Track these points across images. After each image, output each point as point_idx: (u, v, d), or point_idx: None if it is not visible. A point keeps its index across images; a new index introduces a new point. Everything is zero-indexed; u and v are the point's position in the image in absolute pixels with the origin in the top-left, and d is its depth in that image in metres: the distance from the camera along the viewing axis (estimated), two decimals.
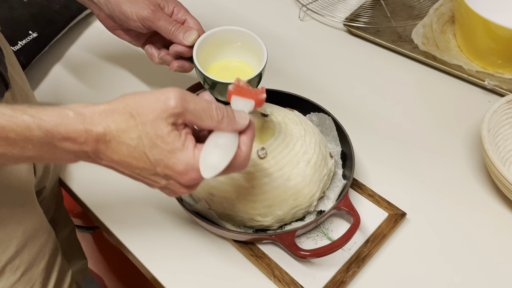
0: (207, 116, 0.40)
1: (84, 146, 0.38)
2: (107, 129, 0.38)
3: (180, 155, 0.39)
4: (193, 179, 0.40)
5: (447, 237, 0.60)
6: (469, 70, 0.79)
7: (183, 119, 0.39)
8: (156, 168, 0.39)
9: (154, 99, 0.39)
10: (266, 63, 0.59)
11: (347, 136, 0.63)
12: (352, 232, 0.53)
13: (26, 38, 0.80)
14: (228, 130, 0.42)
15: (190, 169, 0.39)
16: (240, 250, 0.58)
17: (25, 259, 0.52)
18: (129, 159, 0.39)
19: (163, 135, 0.38)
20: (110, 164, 0.40)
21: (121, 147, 0.38)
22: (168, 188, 0.42)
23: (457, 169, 0.67)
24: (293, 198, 0.55)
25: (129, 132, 0.38)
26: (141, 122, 0.38)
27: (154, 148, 0.39)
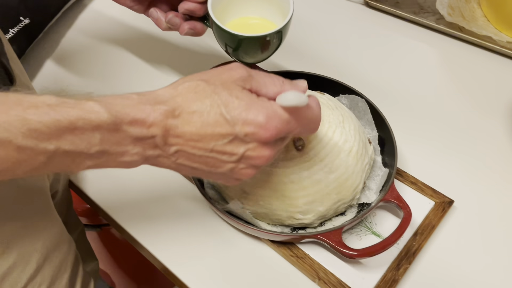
0: (270, 81, 0.39)
1: (153, 128, 0.35)
2: (175, 104, 0.36)
3: (258, 105, 0.37)
4: (276, 127, 0.37)
5: (499, 222, 0.56)
6: (499, 41, 0.74)
7: (250, 84, 0.38)
8: (235, 128, 0.36)
9: (218, 70, 0.39)
10: (292, 17, 0.52)
11: (384, 119, 0.57)
12: (404, 227, 0.48)
13: (18, 25, 0.72)
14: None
15: (272, 116, 0.36)
16: (278, 250, 0.53)
17: (47, 275, 0.47)
18: (203, 128, 0.36)
19: (236, 93, 0.37)
20: (180, 147, 0.36)
21: (193, 117, 0.36)
22: (245, 158, 0.38)
23: (499, 148, 0.63)
24: (336, 192, 0.50)
25: (200, 98, 0.36)
26: (212, 83, 0.37)
27: (230, 105, 0.36)
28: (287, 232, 0.52)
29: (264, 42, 0.53)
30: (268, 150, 0.38)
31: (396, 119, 0.64)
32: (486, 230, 0.55)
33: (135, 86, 0.71)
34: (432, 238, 0.54)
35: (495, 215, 0.56)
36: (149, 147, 0.36)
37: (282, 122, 0.37)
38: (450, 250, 0.53)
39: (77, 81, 0.72)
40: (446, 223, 0.55)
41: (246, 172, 0.39)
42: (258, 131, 0.36)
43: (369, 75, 0.72)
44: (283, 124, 0.37)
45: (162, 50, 0.76)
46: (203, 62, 0.73)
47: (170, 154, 0.37)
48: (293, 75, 0.63)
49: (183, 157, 0.37)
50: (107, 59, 0.75)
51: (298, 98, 0.37)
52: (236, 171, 0.39)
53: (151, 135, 0.35)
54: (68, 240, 0.51)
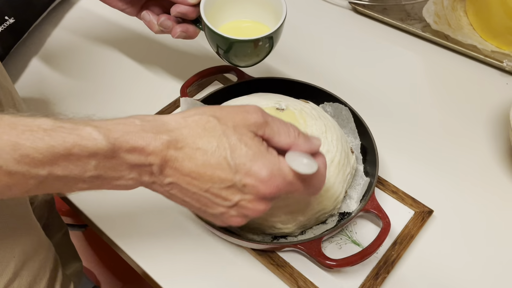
0: (285, 131, 0.38)
1: (152, 157, 0.34)
2: (180, 136, 0.34)
3: (265, 159, 0.35)
4: (276, 186, 0.36)
5: (477, 232, 0.56)
6: (484, 50, 0.75)
7: (263, 131, 0.37)
8: (235, 176, 0.35)
9: (235, 109, 0.37)
10: (285, 20, 0.52)
11: (367, 128, 0.58)
12: (383, 238, 0.49)
13: (2, 24, 0.71)
14: (304, 148, 0.38)
15: (276, 174, 0.35)
16: (258, 258, 0.53)
17: (24, 281, 0.47)
18: (203, 168, 0.35)
19: (246, 140, 0.35)
20: (174, 180, 0.35)
21: (195, 154, 0.34)
22: (239, 207, 0.37)
23: (481, 158, 0.63)
24: (316, 202, 0.51)
25: (207, 136, 0.35)
26: (224, 123, 0.35)
27: (236, 151, 0.35)
28: (267, 241, 0.52)
29: (255, 45, 0.53)
30: (264, 205, 0.37)
31: (380, 128, 0.65)
32: (465, 241, 0.56)
33: (122, 86, 0.71)
34: (411, 247, 0.55)
35: (474, 226, 0.57)
36: (145, 174, 0.35)
37: (285, 182, 0.36)
38: (429, 260, 0.54)
39: (63, 81, 0.71)
40: (425, 233, 0.56)
41: (235, 220, 0.38)
42: (258, 185, 0.35)
43: (354, 82, 0.73)
44: (285, 185, 0.36)
45: (150, 50, 0.76)
46: (194, 62, 0.73)
47: (164, 184, 0.36)
48: (277, 82, 0.63)
49: (176, 189, 0.36)
50: (93, 59, 0.75)
51: (309, 167, 0.36)
52: (226, 216, 0.38)
53: (148, 163, 0.34)
54: (47, 245, 0.51)
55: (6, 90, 0.52)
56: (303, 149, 0.38)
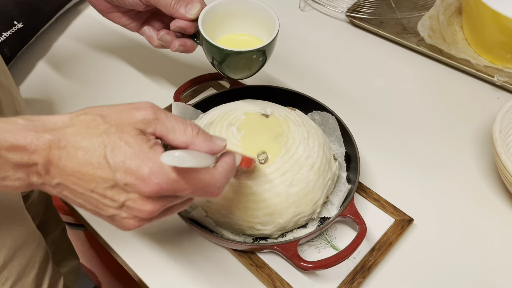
0: (180, 129, 0.37)
1: (35, 155, 0.33)
2: (63, 135, 0.34)
3: (146, 157, 0.34)
4: (157, 184, 0.34)
5: (456, 243, 0.57)
6: (476, 65, 0.76)
7: (153, 128, 0.36)
8: (116, 175, 0.34)
9: (124, 107, 0.36)
10: (278, 34, 0.55)
11: (351, 137, 0.59)
12: (358, 242, 0.50)
13: (11, 29, 0.75)
14: (203, 148, 0.38)
15: (156, 171, 0.34)
16: (239, 258, 0.55)
17: (14, 270, 0.49)
18: (84, 167, 0.34)
19: (128, 138, 0.34)
20: (61, 181, 0.35)
21: (77, 153, 0.34)
22: (126, 207, 0.36)
23: (466, 171, 0.64)
24: (295, 206, 0.52)
25: (90, 135, 0.34)
26: (108, 122, 0.35)
27: (116, 150, 0.34)
28: (247, 242, 0.54)
29: (248, 57, 0.55)
30: (151, 205, 0.36)
31: (368, 137, 0.67)
32: (444, 251, 0.57)
33: (124, 93, 0.73)
34: (390, 255, 0.56)
35: (454, 237, 0.58)
36: (32, 174, 0.35)
37: (167, 180, 0.35)
38: (406, 268, 0.55)
39: (66, 86, 0.75)
40: (404, 241, 0.57)
41: (128, 222, 0.37)
42: (138, 183, 0.34)
43: (346, 91, 0.74)
44: (167, 183, 0.35)
45: (149, 58, 0.79)
46: (190, 70, 0.76)
47: (53, 185, 0.35)
48: (268, 89, 0.65)
49: (66, 190, 0.36)
50: (97, 66, 0.78)
51: (181, 160, 0.34)
52: (118, 219, 0.37)
53: (32, 162, 0.34)
54: (38, 238, 0.54)
55: (6, 90, 0.55)
56: (201, 149, 0.37)
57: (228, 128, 0.54)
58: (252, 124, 0.55)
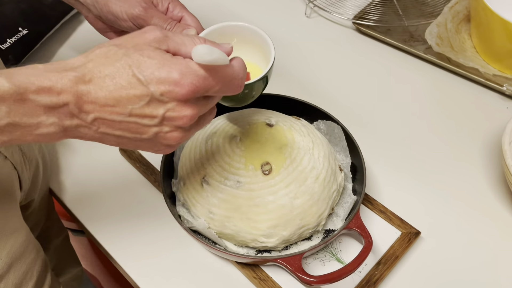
0: (189, 41, 0.38)
1: (63, 95, 0.33)
2: (85, 70, 0.34)
3: (172, 63, 0.36)
4: (191, 83, 0.36)
5: (465, 257, 0.56)
6: (485, 74, 0.75)
7: (166, 45, 0.37)
8: (150, 88, 0.35)
9: (133, 34, 0.38)
10: (274, 63, 0.53)
11: (357, 147, 0.58)
12: (363, 256, 0.49)
13: (16, 35, 0.75)
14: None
15: (186, 72, 0.35)
16: (242, 271, 0.54)
17: (10, 283, 0.48)
18: (117, 92, 0.34)
19: (148, 53, 0.36)
20: (97, 114, 0.35)
21: (105, 81, 0.34)
22: (167, 119, 0.36)
23: (474, 183, 0.63)
24: (300, 218, 0.51)
25: (111, 62, 0.35)
26: (124, 47, 0.36)
27: (142, 65, 0.35)
28: (250, 255, 0.53)
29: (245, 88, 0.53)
30: (190, 109, 0.37)
31: (375, 147, 0.65)
32: (451, 264, 0.55)
33: None
34: (396, 269, 0.55)
35: (462, 251, 0.57)
36: (65, 117, 0.34)
37: (198, 78, 0.36)
38: (413, 282, 0.54)
39: None
40: (411, 255, 0.56)
41: (172, 135, 0.38)
42: (174, 89, 0.35)
43: (352, 100, 0.73)
44: (199, 80, 0.36)
45: None
46: None
47: (89, 123, 0.35)
48: (273, 98, 0.64)
49: (104, 124, 0.36)
50: None
51: (211, 52, 0.35)
52: (162, 135, 0.38)
53: (62, 102, 0.34)
54: (36, 249, 0.53)
55: None
56: None
57: (232, 139, 0.53)
58: (256, 134, 0.54)
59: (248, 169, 0.51)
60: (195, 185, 0.53)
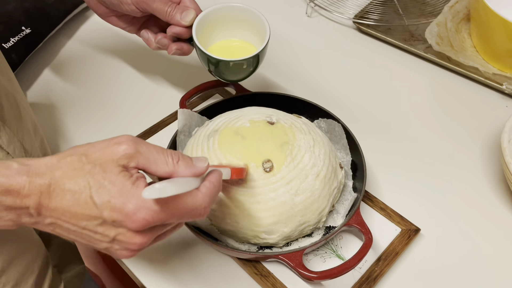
0: (162, 159, 0.38)
1: (26, 200, 0.35)
2: (53, 179, 0.36)
3: (129, 194, 0.36)
4: (143, 219, 0.36)
5: (464, 254, 0.57)
6: (485, 73, 0.75)
7: (135, 162, 0.37)
8: (103, 213, 0.36)
9: (105, 143, 0.38)
10: (269, 41, 0.57)
11: (358, 145, 0.59)
12: (364, 252, 0.49)
13: (19, 34, 0.76)
14: (186, 174, 0.39)
15: (140, 206, 0.35)
16: (244, 267, 0.54)
17: (12, 277, 0.49)
18: (73, 207, 0.36)
19: (111, 177, 0.36)
20: (54, 220, 0.36)
21: (65, 195, 0.36)
22: (118, 241, 0.37)
23: (474, 180, 0.64)
24: (300, 215, 0.52)
25: (75, 177, 0.36)
26: (92, 161, 0.36)
27: (101, 190, 0.35)
28: (251, 251, 0.54)
29: (239, 65, 0.57)
30: (140, 237, 0.37)
31: (375, 145, 0.66)
32: (451, 261, 0.56)
33: (130, 99, 0.73)
34: (396, 265, 0.55)
35: (461, 247, 0.57)
36: (24, 216, 0.36)
37: (152, 213, 0.36)
38: (412, 278, 0.54)
39: (73, 91, 0.75)
40: (411, 251, 0.57)
41: (122, 253, 0.38)
42: (125, 220, 0.36)
43: (353, 99, 0.74)
44: (153, 216, 0.36)
45: (156, 64, 0.79)
46: (196, 76, 0.75)
47: (46, 224, 0.37)
48: (274, 96, 0.65)
49: (59, 228, 0.37)
50: (104, 72, 0.78)
51: (161, 191, 0.34)
52: (113, 251, 0.38)
53: (24, 205, 0.35)
54: (37, 244, 0.54)
55: (10, 96, 0.55)
56: (185, 175, 0.38)
57: (233, 136, 0.54)
58: (257, 131, 0.55)
59: (250, 166, 0.52)
60: None
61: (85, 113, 0.72)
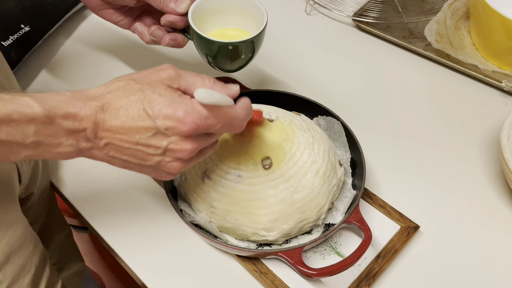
0: (200, 81, 0.42)
1: (84, 122, 0.38)
2: (104, 100, 0.39)
3: (179, 102, 0.39)
4: (194, 122, 0.39)
5: (463, 251, 0.57)
6: (484, 70, 0.75)
7: (178, 83, 0.41)
8: (156, 122, 0.39)
9: (148, 71, 0.42)
10: (266, 27, 0.56)
11: (357, 143, 0.59)
12: (363, 249, 0.50)
13: (18, 32, 0.76)
14: (222, 92, 0.43)
15: (190, 111, 0.39)
16: (243, 264, 0.54)
17: (8, 274, 0.49)
18: (127, 122, 0.39)
19: (160, 90, 0.40)
20: (108, 140, 0.39)
21: (119, 112, 0.39)
22: (169, 151, 0.40)
23: (473, 178, 0.64)
24: (300, 212, 0.52)
25: (126, 95, 0.39)
26: (140, 82, 0.40)
27: (152, 102, 0.39)
28: (251, 248, 0.54)
29: (237, 48, 0.56)
30: (190, 144, 0.41)
31: (374, 143, 0.66)
32: (450, 259, 0.56)
33: None
34: (395, 262, 0.55)
35: (461, 244, 0.57)
36: (82, 140, 0.39)
37: (200, 117, 0.40)
38: (411, 276, 0.55)
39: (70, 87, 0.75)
40: (410, 248, 0.57)
41: (172, 165, 0.42)
42: (177, 125, 0.39)
43: (352, 96, 0.74)
44: (201, 119, 0.40)
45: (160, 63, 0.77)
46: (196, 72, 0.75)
47: (101, 147, 0.40)
48: (273, 94, 0.65)
49: (113, 149, 0.40)
50: (104, 69, 0.78)
51: (210, 96, 0.39)
52: (163, 164, 0.42)
53: (82, 128, 0.38)
54: (34, 241, 0.54)
55: None
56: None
57: (233, 133, 0.54)
58: (256, 128, 0.55)
59: (249, 163, 0.52)
60: (196, 180, 0.54)
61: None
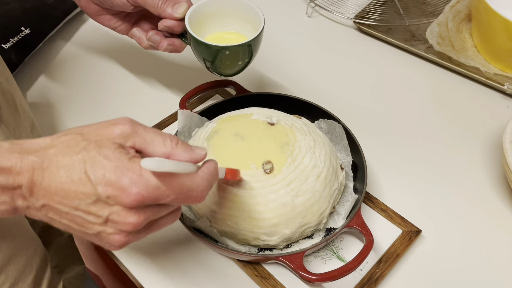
0: (159, 140, 0.37)
1: (19, 177, 0.34)
2: (46, 156, 0.35)
3: (125, 168, 0.34)
4: (138, 193, 0.34)
5: (466, 256, 0.56)
6: (486, 73, 0.75)
7: (132, 142, 0.36)
8: (97, 188, 0.34)
9: (102, 124, 0.37)
10: (263, 30, 0.55)
11: (358, 146, 0.59)
12: (365, 254, 0.49)
13: (18, 34, 0.75)
14: (183, 158, 0.38)
15: (136, 180, 0.34)
16: (244, 269, 0.54)
17: (10, 275, 0.49)
18: (67, 185, 0.34)
19: (107, 152, 0.35)
20: (46, 201, 0.35)
21: (59, 172, 0.34)
22: (111, 222, 0.35)
23: (475, 182, 0.63)
24: (301, 216, 0.51)
25: (70, 153, 0.35)
26: (87, 139, 0.35)
27: (96, 164, 0.34)
28: (252, 253, 0.53)
29: (235, 52, 0.56)
30: (135, 216, 0.35)
31: (376, 146, 0.66)
32: (452, 263, 0.56)
33: (129, 100, 0.73)
34: (397, 267, 0.55)
35: (463, 249, 0.57)
36: (17, 197, 0.35)
37: (147, 187, 0.35)
38: (414, 280, 0.54)
39: (72, 92, 0.75)
40: (412, 253, 0.56)
41: (115, 238, 0.37)
42: (120, 195, 0.34)
43: (353, 99, 0.74)
44: (148, 190, 0.35)
45: (159, 66, 0.79)
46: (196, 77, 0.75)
47: (38, 207, 0.36)
48: (274, 97, 0.65)
49: (51, 211, 0.36)
50: (103, 72, 0.78)
51: (159, 166, 0.34)
52: (105, 235, 0.37)
53: (17, 184, 0.34)
54: (35, 243, 0.53)
55: (9, 95, 0.55)
56: (182, 159, 0.38)
57: (233, 137, 0.54)
58: (257, 132, 0.54)
59: (250, 167, 0.51)
60: None
61: (84, 114, 0.71)
